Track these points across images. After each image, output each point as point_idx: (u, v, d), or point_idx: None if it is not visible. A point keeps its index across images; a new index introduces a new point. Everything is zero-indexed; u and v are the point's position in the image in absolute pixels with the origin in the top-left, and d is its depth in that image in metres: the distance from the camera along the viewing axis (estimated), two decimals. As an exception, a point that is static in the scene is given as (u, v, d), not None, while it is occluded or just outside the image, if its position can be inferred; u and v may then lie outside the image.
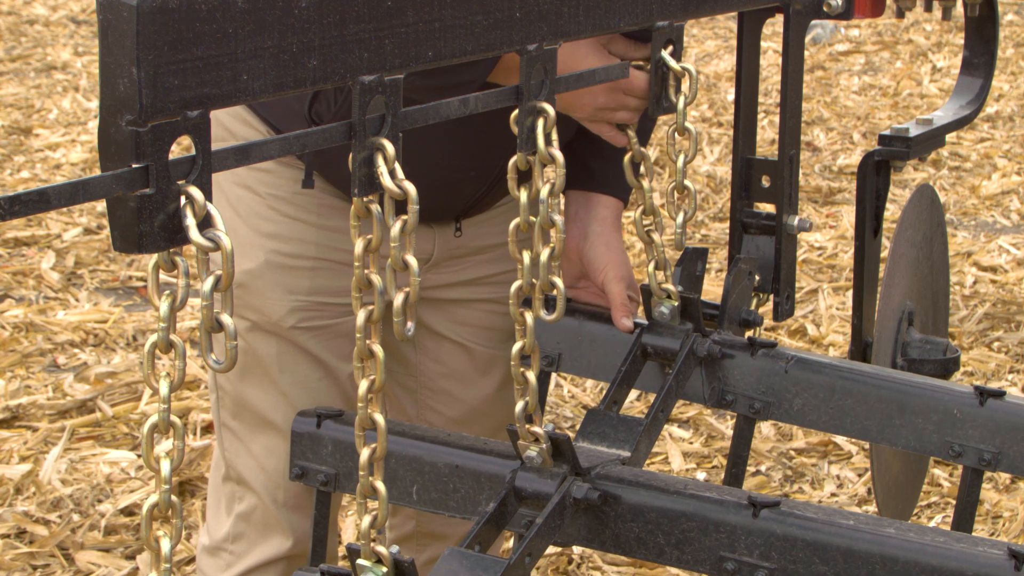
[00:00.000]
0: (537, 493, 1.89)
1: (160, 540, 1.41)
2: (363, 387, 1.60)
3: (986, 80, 2.69)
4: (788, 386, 2.20)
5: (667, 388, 2.14)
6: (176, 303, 1.37)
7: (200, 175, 1.35)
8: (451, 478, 2.03)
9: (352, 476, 2.09)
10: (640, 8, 1.86)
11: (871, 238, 2.48)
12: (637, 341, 2.21)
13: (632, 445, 2.04)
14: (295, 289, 2.37)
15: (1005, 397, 2.14)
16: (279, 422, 2.38)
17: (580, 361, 2.36)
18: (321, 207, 2.37)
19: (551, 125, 1.73)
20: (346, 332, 2.41)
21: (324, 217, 2.37)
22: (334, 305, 2.39)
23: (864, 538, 1.81)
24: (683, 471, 4.09)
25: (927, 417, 2.15)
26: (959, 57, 6.20)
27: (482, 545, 1.84)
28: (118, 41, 1.28)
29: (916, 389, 2.18)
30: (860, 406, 2.18)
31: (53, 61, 8.65)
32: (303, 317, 2.38)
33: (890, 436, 2.17)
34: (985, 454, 2.12)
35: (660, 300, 2.20)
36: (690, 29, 9.30)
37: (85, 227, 5.83)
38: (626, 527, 1.91)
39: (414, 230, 1.56)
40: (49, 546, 3.68)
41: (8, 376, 4.59)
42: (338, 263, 2.38)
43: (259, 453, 2.44)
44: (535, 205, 1.77)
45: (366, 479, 1.63)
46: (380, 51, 1.49)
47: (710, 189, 6.35)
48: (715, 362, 2.21)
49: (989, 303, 5.15)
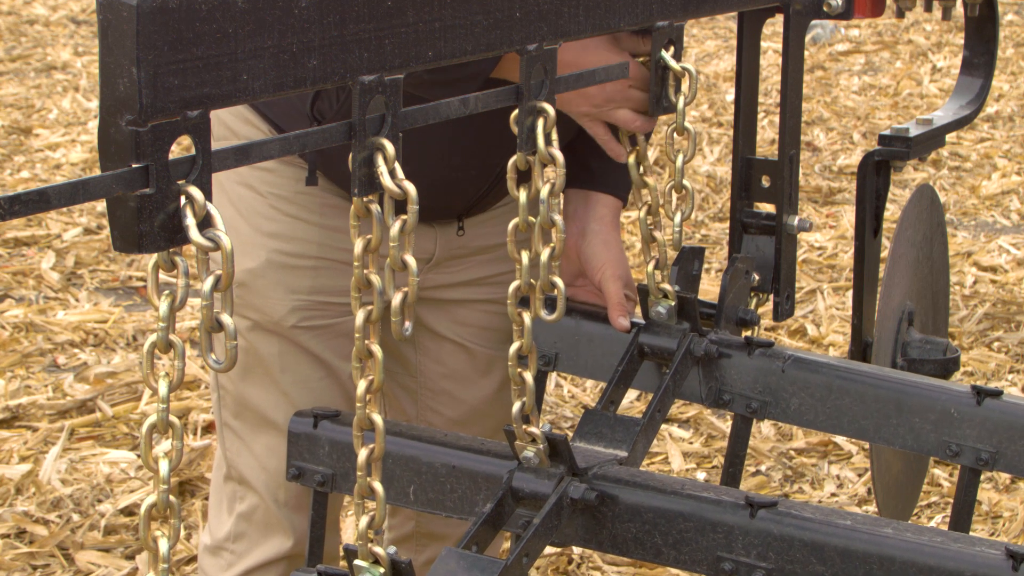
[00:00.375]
0: (534, 493, 1.88)
1: (158, 540, 1.40)
2: (361, 387, 1.60)
3: (986, 80, 2.69)
4: (785, 385, 2.20)
5: (664, 388, 2.14)
6: (176, 303, 1.37)
7: (200, 175, 1.35)
8: (448, 478, 2.03)
9: (349, 476, 2.09)
10: (640, 8, 1.86)
11: (871, 238, 2.48)
12: (634, 341, 2.21)
13: (629, 445, 2.04)
14: (297, 288, 2.37)
15: (1002, 397, 2.14)
16: (280, 422, 2.38)
17: (577, 361, 2.36)
18: (323, 206, 2.37)
19: (551, 125, 1.73)
20: (348, 332, 2.41)
21: (326, 216, 2.37)
22: (336, 304, 2.39)
23: (861, 538, 1.81)
24: (683, 471, 4.09)
25: (924, 416, 2.15)
26: (959, 57, 6.20)
27: (479, 546, 1.84)
28: (118, 41, 1.28)
29: (914, 388, 2.18)
30: (857, 405, 2.18)
31: (53, 61, 8.65)
32: (305, 316, 2.38)
33: (887, 435, 2.17)
34: (982, 454, 2.12)
35: (657, 300, 2.20)
36: (690, 29, 9.30)
37: (85, 227, 5.83)
38: (623, 527, 1.91)
39: (413, 230, 1.56)
40: (49, 546, 3.68)
41: (8, 376, 4.59)
42: (340, 262, 2.37)
43: (260, 453, 2.44)
44: (535, 205, 1.77)
45: (363, 480, 1.63)
46: (380, 51, 1.49)
47: (710, 189, 6.35)
48: (712, 362, 2.21)
49: (989, 303, 5.15)
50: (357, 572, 1.67)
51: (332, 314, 2.39)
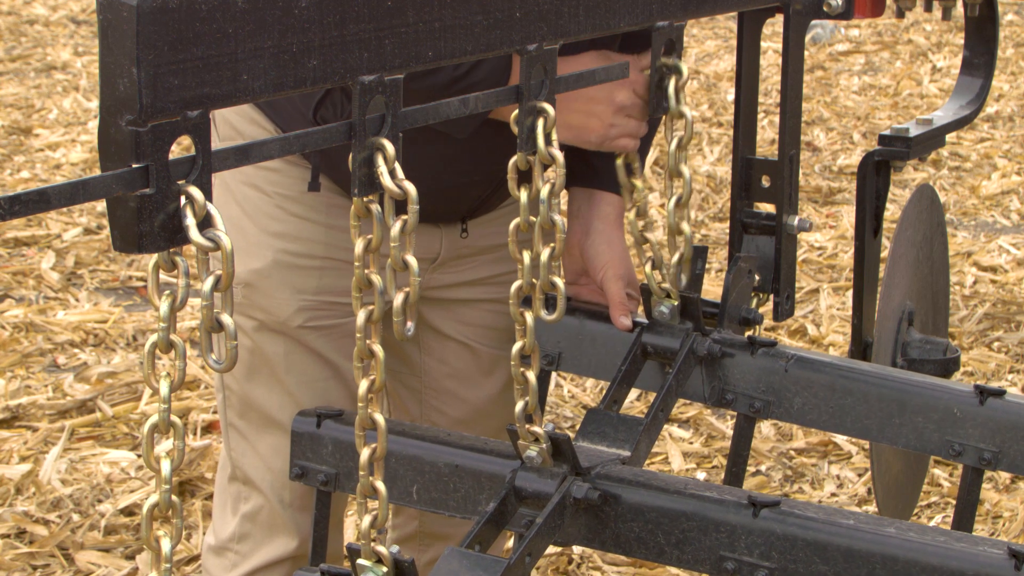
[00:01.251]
0: (537, 493, 1.88)
1: (160, 540, 1.41)
2: (363, 387, 1.60)
3: (986, 80, 2.69)
4: (788, 385, 2.20)
5: (667, 387, 2.14)
6: (176, 303, 1.37)
7: (200, 175, 1.35)
8: (452, 478, 2.03)
9: (352, 476, 2.09)
10: (640, 8, 1.86)
11: (871, 238, 2.48)
12: (637, 340, 2.21)
13: (632, 445, 2.04)
14: (303, 288, 2.37)
15: (1006, 396, 2.14)
16: (286, 422, 2.38)
17: (580, 360, 2.36)
18: (329, 207, 2.37)
19: (551, 125, 1.73)
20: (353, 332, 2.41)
21: (332, 216, 2.37)
22: (342, 304, 2.39)
23: (864, 537, 1.81)
24: (683, 471, 4.09)
25: (927, 416, 2.15)
26: (959, 57, 6.19)
27: (482, 545, 1.84)
28: (118, 41, 1.28)
29: (916, 388, 2.18)
30: (861, 405, 2.18)
31: (53, 61, 8.65)
32: (311, 316, 2.38)
33: (890, 435, 2.17)
34: (985, 453, 2.12)
35: (660, 299, 2.20)
36: (690, 29, 9.30)
37: (85, 227, 5.83)
38: (626, 527, 1.91)
39: (414, 230, 1.56)
40: (49, 546, 3.68)
41: (8, 376, 4.59)
42: (346, 262, 2.37)
43: (265, 453, 2.44)
44: (536, 205, 1.77)
45: (366, 479, 1.63)
46: (380, 51, 1.49)
47: (710, 189, 6.35)
48: (715, 361, 2.21)
49: (989, 303, 5.15)
50: (360, 571, 1.67)
51: (338, 314, 2.39)
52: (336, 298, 2.38)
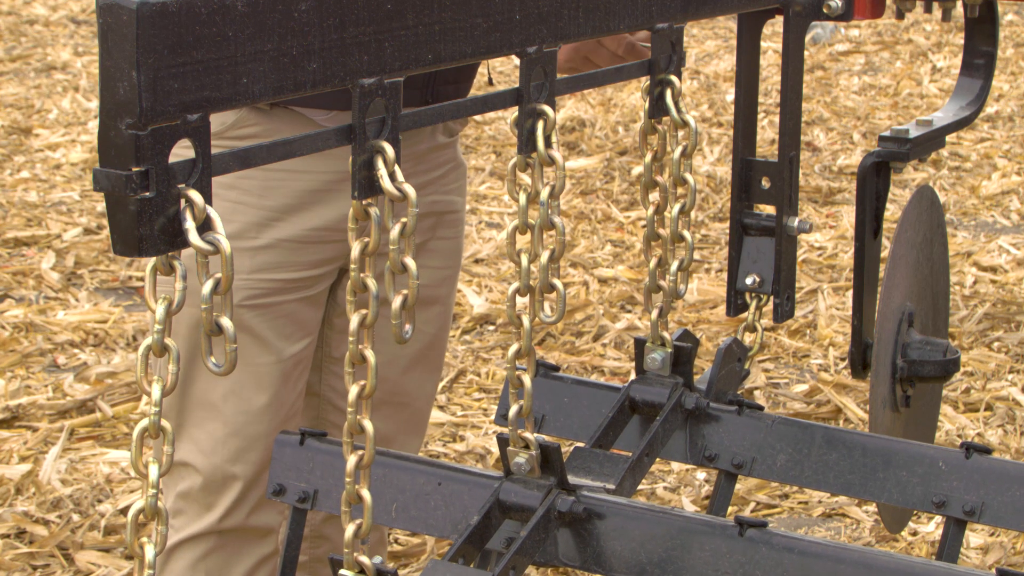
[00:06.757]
0: (522, 506, 1.86)
1: (144, 547, 1.40)
2: (353, 392, 1.59)
3: (986, 81, 2.69)
4: (772, 442, 2.18)
5: (653, 433, 2.11)
6: (172, 307, 1.37)
7: (200, 178, 1.35)
8: (433, 495, 1.99)
9: (330, 494, 2.05)
10: (640, 10, 1.86)
11: (871, 239, 2.48)
12: (625, 393, 2.18)
13: (617, 479, 2.00)
14: (238, 268, 2.40)
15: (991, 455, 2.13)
16: (219, 403, 2.42)
17: (564, 423, 2.29)
18: (264, 188, 2.41)
19: (551, 127, 1.73)
20: (289, 313, 2.46)
21: (265, 198, 2.42)
22: (279, 281, 2.43)
23: (851, 558, 1.80)
24: (683, 471, 4.09)
25: (912, 470, 2.13)
26: (959, 57, 6.19)
27: (465, 559, 1.81)
28: (118, 44, 1.28)
29: (901, 445, 2.17)
30: (844, 460, 2.16)
31: (53, 61, 8.65)
32: (247, 296, 2.42)
33: (874, 490, 2.15)
34: (967, 505, 2.11)
35: (653, 347, 2.17)
36: (690, 29, 9.30)
37: (85, 227, 5.83)
38: (609, 545, 1.87)
39: (413, 232, 1.56)
40: (49, 546, 3.68)
41: (8, 376, 4.59)
42: (284, 240, 2.42)
43: (200, 437, 2.47)
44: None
45: (352, 487, 1.62)
46: (380, 54, 1.49)
47: (710, 189, 6.35)
48: (700, 418, 2.20)
49: (989, 303, 5.15)
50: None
51: (274, 291, 2.44)
52: (272, 275, 2.43)
